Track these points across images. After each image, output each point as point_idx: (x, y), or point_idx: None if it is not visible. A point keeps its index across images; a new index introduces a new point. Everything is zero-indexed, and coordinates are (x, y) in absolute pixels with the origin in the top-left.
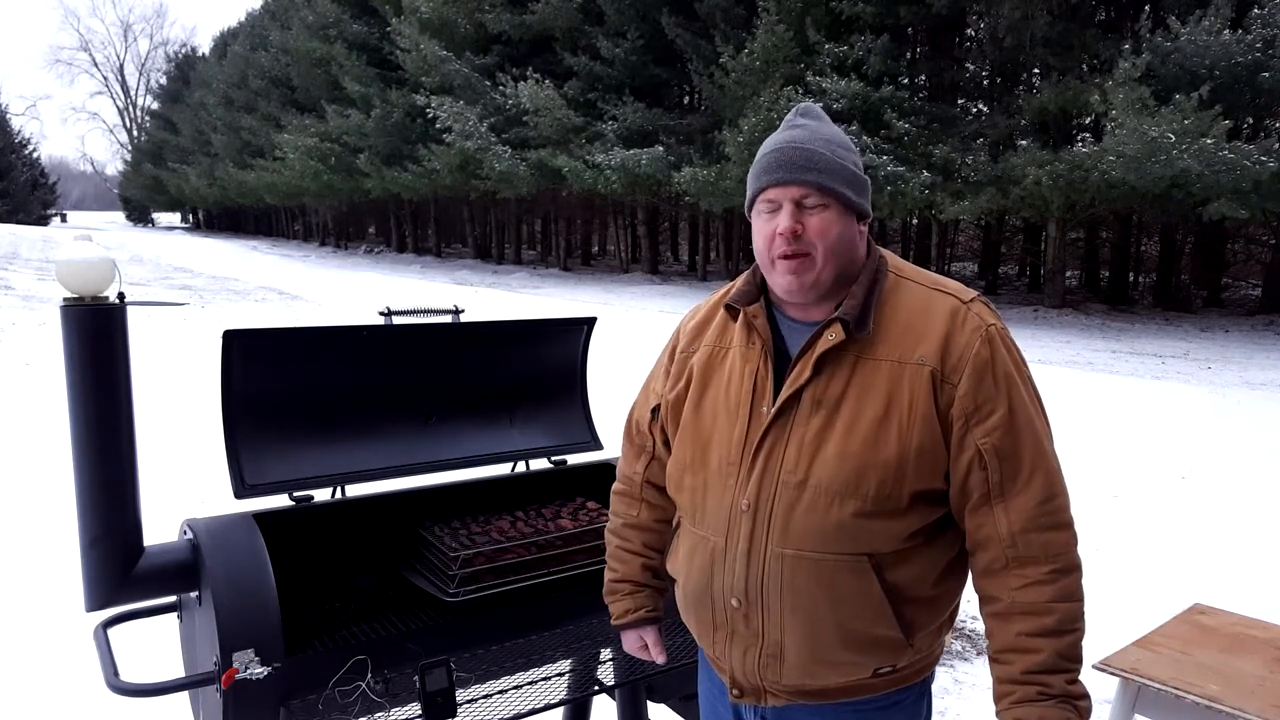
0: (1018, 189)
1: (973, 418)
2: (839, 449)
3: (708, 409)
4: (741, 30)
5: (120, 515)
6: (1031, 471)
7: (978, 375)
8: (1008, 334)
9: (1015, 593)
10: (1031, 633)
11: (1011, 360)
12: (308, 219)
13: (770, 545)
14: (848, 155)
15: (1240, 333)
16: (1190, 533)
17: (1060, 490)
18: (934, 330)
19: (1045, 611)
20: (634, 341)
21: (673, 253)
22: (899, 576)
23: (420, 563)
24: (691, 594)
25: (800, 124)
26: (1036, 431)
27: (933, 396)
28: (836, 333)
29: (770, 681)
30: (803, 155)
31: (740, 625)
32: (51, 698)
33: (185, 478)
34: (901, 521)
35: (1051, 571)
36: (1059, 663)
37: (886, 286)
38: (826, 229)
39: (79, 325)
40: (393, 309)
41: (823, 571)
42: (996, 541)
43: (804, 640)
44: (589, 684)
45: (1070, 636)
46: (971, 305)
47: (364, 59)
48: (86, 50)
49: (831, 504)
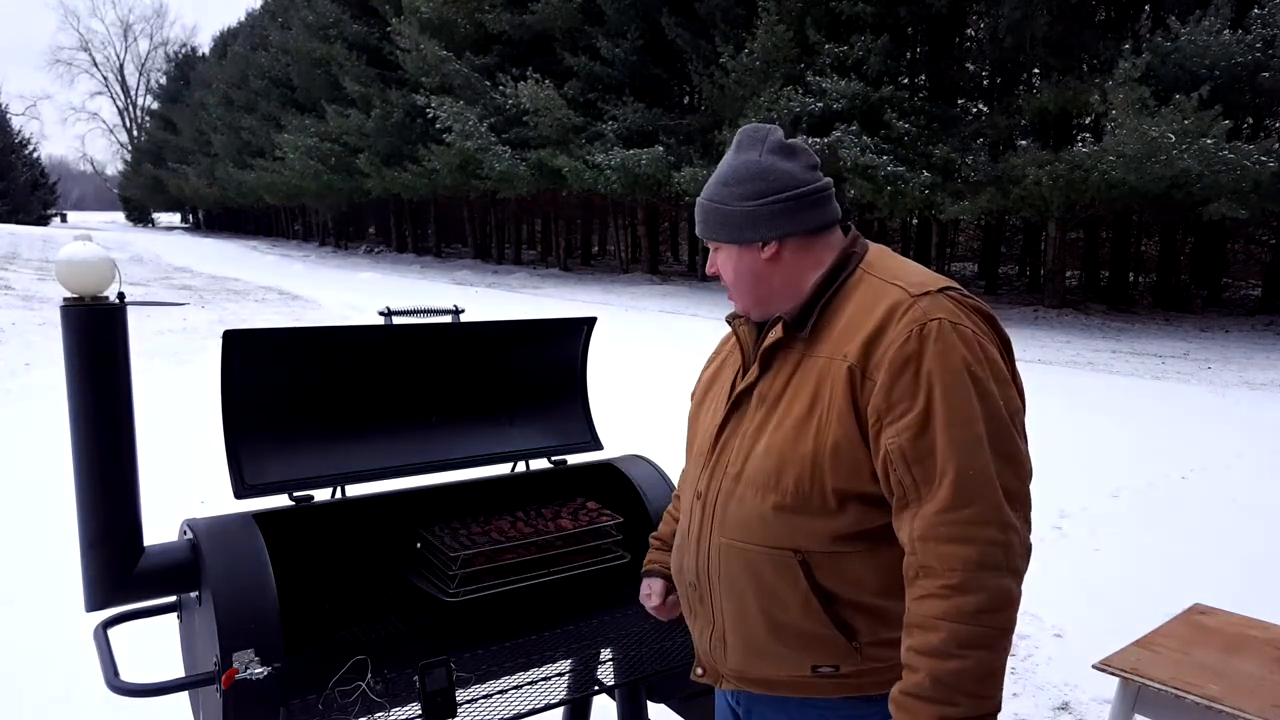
0: (1018, 189)
1: (885, 416)
2: (767, 443)
3: (703, 409)
4: (741, 30)
5: (120, 515)
6: (941, 477)
7: (895, 371)
8: (965, 329)
9: (912, 604)
10: (915, 648)
11: (951, 358)
12: (308, 219)
13: (713, 534)
14: (739, 188)
15: (1240, 333)
16: (1190, 533)
17: (974, 502)
18: (868, 325)
19: (931, 627)
20: (634, 341)
21: (673, 253)
22: (831, 579)
23: (420, 563)
24: (674, 573)
25: (721, 164)
26: (959, 435)
27: (850, 392)
28: (777, 331)
29: (720, 663)
30: (700, 210)
31: (698, 606)
32: (51, 698)
33: (185, 478)
34: (832, 521)
35: (945, 586)
36: (934, 690)
37: (851, 283)
38: (725, 267)
39: (79, 325)
40: (393, 309)
41: (749, 562)
42: (907, 548)
43: (737, 627)
44: (589, 684)
45: (955, 662)
46: (921, 299)
47: (364, 59)
48: (86, 50)
49: (755, 496)
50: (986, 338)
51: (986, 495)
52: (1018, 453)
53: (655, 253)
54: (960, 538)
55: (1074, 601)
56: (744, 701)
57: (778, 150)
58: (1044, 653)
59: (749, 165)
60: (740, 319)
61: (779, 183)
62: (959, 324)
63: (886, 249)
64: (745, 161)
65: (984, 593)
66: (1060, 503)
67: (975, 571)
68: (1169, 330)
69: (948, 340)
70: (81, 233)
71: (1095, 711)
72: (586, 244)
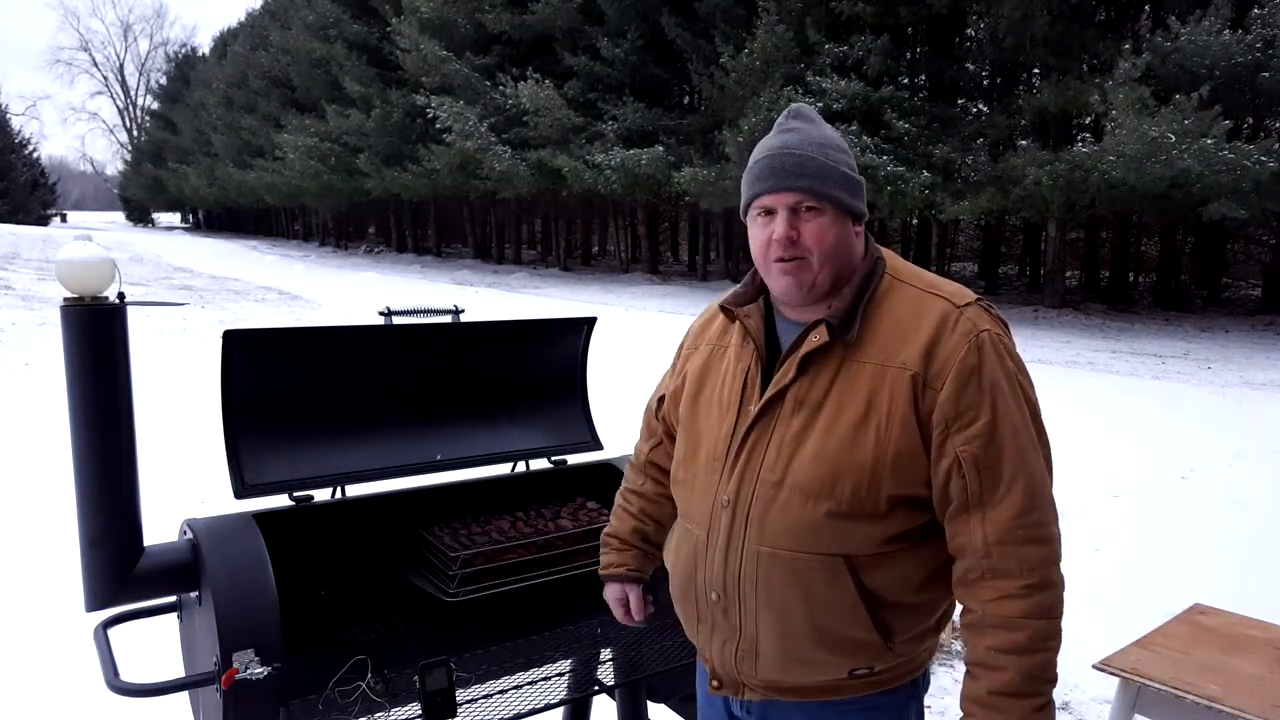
0: (1018, 189)
1: (953, 424)
2: (816, 450)
3: (703, 406)
4: (741, 30)
5: (120, 515)
6: (1011, 482)
7: (961, 381)
8: (1005, 340)
9: (987, 605)
10: (1000, 648)
11: (1003, 368)
12: (308, 219)
13: (748, 542)
14: (841, 158)
15: (1240, 333)
16: (1190, 533)
17: (1041, 504)
18: (921, 334)
19: (1016, 627)
20: (634, 341)
21: (673, 253)
22: (877, 580)
23: (420, 563)
24: (678, 586)
25: (792, 127)
26: (1021, 442)
27: (913, 401)
28: (821, 335)
29: (747, 675)
30: (795, 161)
31: (719, 618)
32: (51, 698)
33: (185, 478)
34: (880, 525)
35: (1025, 586)
36: (1025, 684)
37: (881, 289)
38: (823, 234)
39: (79, 325)
40: (393, 309)
41: (797, 570)
42: (972, 552)
43: (778, 637)
44: (589, 684)
45: (1041, 655)
46: (966, 310)
47: (364, 59)
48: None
49: (806, 504)
50: (1015, 346)
51: (1048, 498)
52: (1050, 456)
53: (655, 253)
54: (1034, 539)
55: (1074, 601)
56: (757, 710)
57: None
58: None
59: (837, 138)
60: (747, 308)
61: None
62: (1001, 336)
63: (893, 252)
64: (829, 134)
65: (1056, 588)
66: (1060, 503)
67: (1049, 569)
68: (1169, 330)
69: (999, 352)
70: (81, 233)
71: (1095, 711)
72: (586, 244)
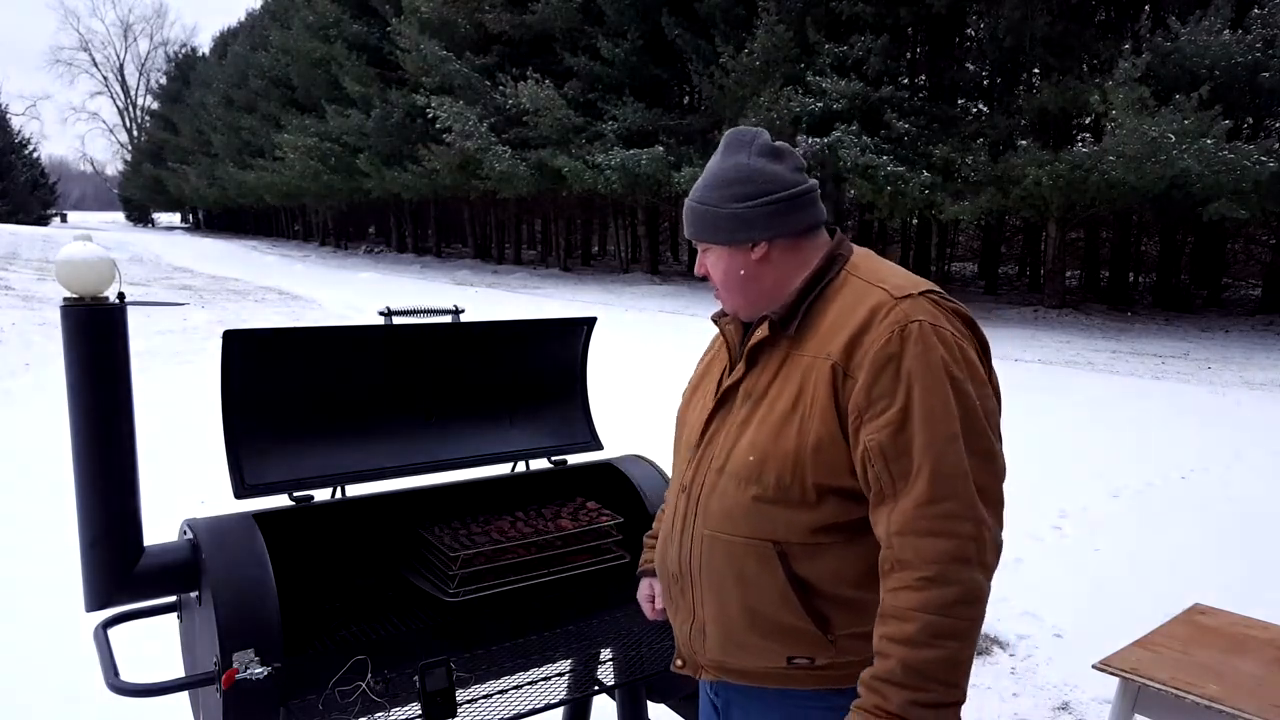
0: (1018, 189)
1: (865, 413)
2: (751, 438)
3: (690, 404)
4: (741, 30)
5: (120, 515)
6: (918, 472)
7: (876, 369)
8: (945, 331)
9: (887, 595)
10: (889, 637)
11: (928, 358)
12: (307, 219)
13: (697, 525)
14: (730, 191)
15: (1240, 333)
16: (1190, 533)
17: (951, 496)
18: (851, 325)
19: (906, 618)
20: (634, 342)
21: (673, 253)
22: (808, 570)
23: (420, 563)
24: (657, 566)
25: (708, 166)
26: (937, 434)
27: (832, 390)
28: (763, 329)
29: (700, 654)
30: (689, 210)
31: (680, 598)
32: (51, 698)
33: (185, 478)
34: (811, 513)
35: (921, 579)
36: (906, 676)
37: (834, 285)
38: (715, 268)
39: (79, 325)
40: (393, 309)
41: (732, 553)
42: (884, 542)
43: (717, 617)
44: (589, 684)
45: (930, 651)
46: (903, 301)
47: (364, 59)
48: (86, 50)
49: (737, 488)
50: (965, 339)
51: (961, 491)
52: (992, 451)
53: (655, 253)
54: (936, 531)
55: (1074, 601)
56: (723, 693)
57: (765, 153)
58: (1044, 653)
59: (738, 168)
60: (726, 318)
61: (768, 185)
62: (939, 326)
63: (871, 252)
64: (734, 164)
65: (958, 586)
66: (1060, 503)
67: (950, 565)
68: (1169, 330)
69: (928, 341)
70: (81, 233)
71: (1095, 711)
72: (586, 244)
